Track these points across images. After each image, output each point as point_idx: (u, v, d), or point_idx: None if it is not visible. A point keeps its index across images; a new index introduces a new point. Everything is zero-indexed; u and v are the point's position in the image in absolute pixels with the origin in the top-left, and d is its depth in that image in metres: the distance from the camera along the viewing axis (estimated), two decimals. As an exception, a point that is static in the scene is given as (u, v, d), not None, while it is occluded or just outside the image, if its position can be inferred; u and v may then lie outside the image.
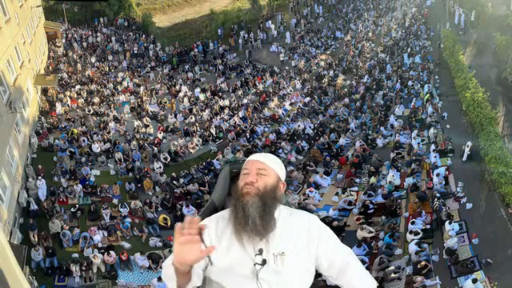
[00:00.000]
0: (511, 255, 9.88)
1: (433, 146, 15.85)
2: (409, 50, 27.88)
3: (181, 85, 25.40)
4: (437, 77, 22.76)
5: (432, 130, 17.31)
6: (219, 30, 32.39)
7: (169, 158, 17.63)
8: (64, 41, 29.98)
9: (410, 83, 23.50)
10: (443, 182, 13.71)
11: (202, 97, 24.15)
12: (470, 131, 16.03)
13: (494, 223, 11.30)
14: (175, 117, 21.40)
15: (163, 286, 10.58)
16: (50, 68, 24.50)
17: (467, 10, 26.52)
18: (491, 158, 13.06)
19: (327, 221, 12.18)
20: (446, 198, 12.94)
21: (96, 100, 22.24)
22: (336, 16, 35.98)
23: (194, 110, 22.31)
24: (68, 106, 21.39)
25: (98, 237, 12.55)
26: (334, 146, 18.30)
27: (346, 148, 18.48)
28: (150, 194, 15.49)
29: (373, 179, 15.12)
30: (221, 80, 26.55)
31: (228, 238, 1.55)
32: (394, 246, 11.70)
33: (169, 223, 13.91)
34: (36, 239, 12.12)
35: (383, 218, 12.99)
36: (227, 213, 1.61)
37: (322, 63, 28.79)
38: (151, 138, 19.40)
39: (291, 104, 23.59)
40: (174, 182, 16.02)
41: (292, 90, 25.37)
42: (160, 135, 19.51)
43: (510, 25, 22.46)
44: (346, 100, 23.88)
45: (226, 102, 23.51)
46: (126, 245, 12.73)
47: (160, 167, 16.77)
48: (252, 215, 1.50)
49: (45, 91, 21.86)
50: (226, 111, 22.34)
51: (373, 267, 10.80)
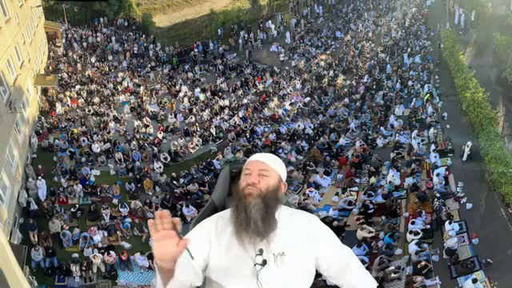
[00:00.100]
0: (511, 255, 9.87)
1: (433, 146, 15.84)
2: (409, 50, 27.88)
3: (181, 85, 25.40)
4: (437, 77, 22.75)
5: (432, 130, 17.31)
6: (219, 30, 32.39)
7: (169, 158, 17.63)
8: (64, 41, 29.97)
9: (410, 83, 23.50)
10: (443, 182, 13.70)
11: (202, 97, 24.15)
12: (470, 131, 16.03)
13: (494, 223, 11.30)
14: (175, 117, 21.39)
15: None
16: (50, 68, 24.49)
17: (467, 9, 26.52)
18: (491, 157, 13.06)
19: (327, 221, 12.18)
20: (446, 198, 12.94)
21: (96, 100, 22.23)
22: (336, 16, 35.98)
23: (194, 110, 22.31)
24: (68, 105, 21.39)
25: (98, 237, 12.56)
26: (334, 146, 18.30)
27: (346, 148, 18.48)
28: (150, 193, 15.48)
29: (373, 179, 15.11)
30: (221, 80, 26.55)
31: (228, 237, 1.55)
32: (394, 245, 11.70)
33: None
34: (36, 239, 12.11)
35: (383, 217, 12.99)
36: (227, 213, 1.61)
37: (322, 63, 28.78)
38: (151, 138, 19.39)
39: (291, 104, 23.59)
40: (174, 181, 16.02)
41: (292, 89, 25.37)
42: (160, 135, 19.50)
43: (510, 25, 22.45)
44: (346, 100, 23.88)
45: (226, 102, 23.50)
46: (126, 245, 12.74)
47: (160, 167, 16.77)
48: (254, 217, 1.49)
49: (45, 91, 21.86)
50: (226, 111, 22.34)
51: (373, 267, 10.80)
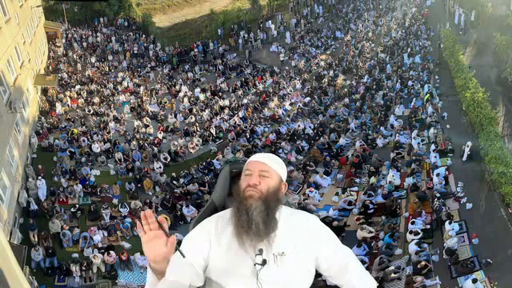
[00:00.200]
0: (511, 255, 9.87)
1: (433, 146, 15.84)
2: (409, 50, 27.87)
3: (181, 85, 25.39)
4: (437, 77, 22.75)
5: (432, 130, 17.31)
6: (219, 30, 32.37)
7: (169, 158, 17.63)
8: (64, 41, 29.96)
9: (410, 83, 23.50)
10: (443, 182, 13.70)
11: (202, 97, 24.15)
12: (470, 131, 16.03)
13: (494, 223, 11.30)
14: (175, 117, 21.39)
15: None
16: (50, 68, 24.49)
17: (467, 9, 26.51)
18: (491, 157, 13.06)
19: (327, 221, 12.18)
20: (446, 198, 12.93)
21: (96, 100, 22.23)
22: (336, 16, 35.96)
23: (194, 110, 22.30)
24: (68, 105, 21.38)
25: (98, 237, 12.56)
26: (334, 146, 18.30)
27: (346, 148, 18.47)
28: (150, 193, 15.48)
29: (373, 179, 15.11)
30: (221, 80, 26.54)
31: (228, 238, 1.55)
32: (394, 245, 11.69)
33: (169, 223, 13.89)
34: (36, 239, 12.11)
35: (383, 217, 12.98)
36: (227, 213, 1.61)
37: (322, 63, 28.77)
38: (151, 138, 19.38)
39: (291, 104, 23.58)
40: (174, 181, 16.01)
41: (292, 89, 25.36)
42: (160, 135, 19.50)
43: (510, 25, 22.45)
44: (346, 100, 23.87)
45: (226, 102, 23.50)
46: (126, 245, 12.74)
47: (160, 167, 16.77)
48: (256, 220, 1.50)
49: (45, 91, 21.86)
50: (226, 111, 22.33)
51: (373, 267, 10.79)
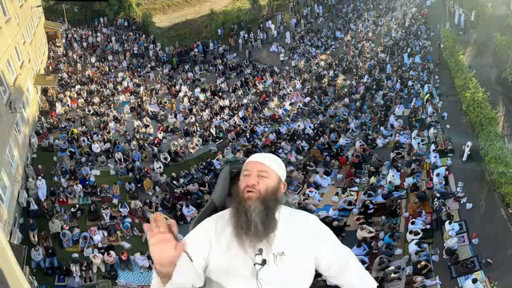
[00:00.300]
0: (511, 255, 9.87)
1: (433, 146, 15.84)
2: (409, 50, 27.87)
3: (181, 85, 25.39)
4: (437, 77, 22.75)
5: (432, 130, 17.31)
6: (219, 30, 32.38)
7: (169, 158, 17.63)
8: (64, 41, 29.96)
9: (410, 83, 23.50)
10: (443, 182, 13.70)
11: (202, 97, 24.15)
12: (470, 131, 16.03)
13: (494, 223, 11.30)
14: (175, 117, 21.39)
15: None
16: (50, 68, 24.49)
17: (467, 9, 26.52)
18: (491, 157, 13.06)
19: (327, 221, 12.18)
20: (446, 198, 12.93)
21: (96, 100, 22.23)
22: (336, 16, 35.97)
23: (194, 110, 22.31)
24: (68, 105, 21.38)
25: (98, 237, 12.55)
26: (334, 146, 18.30)
27: (346, 148, 18.47)
28: (150, 193, 15.48)
29: (373, 179, 15.11)
30: (221, 80, 26.54)
31: (228, 238, 1.55)
32: (394, 245, 11.69)
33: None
34: (36, 239, 12.11)
35: (383, 217, 12.98)
36: (227, 213, 1.60)
37: (322, 63, 28.78)
38: (151, 138, 19.39)
39: (291, 104, 23.59)
40: (174, 181, 16.02)
41: (292, 89, 25.36)
42: (160, 135, 19.50)
43: (510, 25, 22.45)
44: (346, 100, 23.87)
45: (226, 102, 23.50)
46: (126, 245, 12.73)
47: (160, 167, 16.77)
48: (254, 220, 1.50)
49: (45, 91, 21.86)
50: (226, 111, 22.33)
51: (373, 267, 10.79)
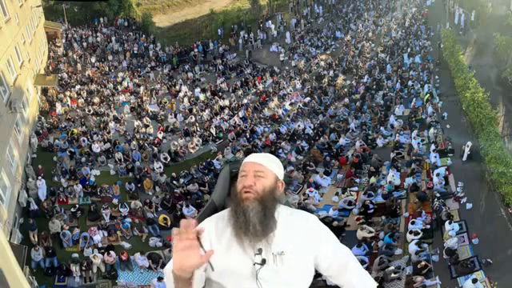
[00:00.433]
0: (511, 255, 9.87)
1: (433, 146, 15.84)
2: (409, 50, 27.87)
3: (181, 85, 25.40)
4: (437, 77, 22.75)
5: (432, 130, 17.31)
6: (219, 30, 32.38)
7: (169, 158, 17.63)
8: (64, 41, 29.97)
9: (410, 83, 23.50)
10: (443, 182, 13.70)
11: (202, 97, 24.15)
12: (470, 131, 16.03)
13: (494, 223, 11.30)
14: (175, 117, 21.39)
15: (163, 286, 10.57)
16: (50, 68, 24.50)
17: (467, 9, 26.51)
18: (491, 158, 13.06)
19: (327, 221, 12.18)
20: (446, 198, 12.93)
21: (96, 100, 22.24)
22: (336, 16, 35.97)
23: (194, 110, 22.31)
24: (68, 105, 21.39)
25: (98, 237, 12.55)
26: (334, 146, 18.30)
27: (346, 148, 18.47)
28: (150, 193, 15.48)
29: (373, 179, 15.11)
30: (221, 80, 26.55)
31: (227, 238, 1.55)
32: (394, 245, 11.69)
33: (169, 223, 13.90)
34: (36, 239, 12.11)
35: (383, 217, 12.98)
36: (227, 213, 1.61)
37: (322, 63, 28.78)
38: (151, 138, 19.39)
39: (291, 104, 23.59)
40: (174, 181, 16.02)
41: (292, 90, 25.37)
42: (160, 135, 19.50)
43: (510, 25, 22.45)
44: (346, 100, 23.87)
45: (226, 102, 23.50)
46: (126, 245, 12.73)
47: (160, 167, 16.77)
48: (253, 221, 1.50)
49: (45, 91, 21.86)
50: (226, 111, 22.34)
51: (373, 267, 10.79)
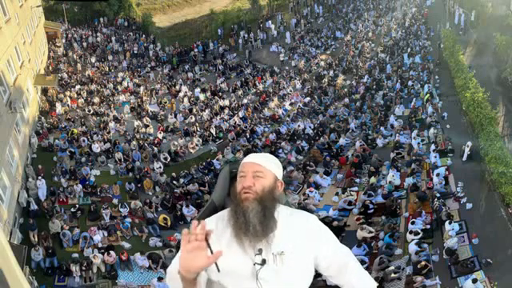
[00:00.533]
0: (511, 255, 9.87)
1: (433, 146, 15.84)
2: (409, 50, 27.87)
3: (181, 85, 25.40)
4: (437, 77, 22.75)
5: (432, 130, 17.31)
6: (219, 30, 32.39)
7: (169, 158, 17.63)
8: (64, 41, 29.98)
9: (410, 83, 23.50)
10: (443, 182, 13.70)
11: (202, 97, 24.15)
12: (470, 131, 16.03)
13: (494, 223, 11.30)
14: (175, 117, 21.39)
15: (163, 286, 10.58)
16: (50, 68, 24.50)
17: (467, 9, 26.52)
18: (491, 158, 13.06)
19: (327, 221, 12.18)
20: (446, 198, 12.93)
21: (96, 100, 22.24)
22: (336, 16, 35.97)
23: (194, 110, 22.31)
24: (68, 105, 21.39)
25: (98, 237, 12.55)
26: (334, 146, 18.30)
27: (346, 148, 18.48)
28: (150, 193, 15.48)
29: (373, 179, 15.11)
30: (221, 80, 26.55)
31: (227, 238, 1.55)
32: (394, 245, 11.69)
33: (169, 223, 13.91)
34: (36, 239, 12.11)
35: (383, 217, 12.98)
36: (227, 214, 1.61)
37: (322, 63, 28.78)
38: (151, 138, 19.39)
39: (291, 104, 23.59)
40: (174, 181, 16.02)
41: (292, 90, 25.37)
42: (160, 135, 19.50)
43: (510, 25, 22.45)
44: (346, 100, 23.87)
45: (226, 102, 23.51)
46: (126, 245, 12.73)
47: (160, 167, 16.77)
48: (253, 221, 1.50)
49: (45, 91, 21.86)
50: (226, 111, 22.34)
51: (373, 267, 10.79)
